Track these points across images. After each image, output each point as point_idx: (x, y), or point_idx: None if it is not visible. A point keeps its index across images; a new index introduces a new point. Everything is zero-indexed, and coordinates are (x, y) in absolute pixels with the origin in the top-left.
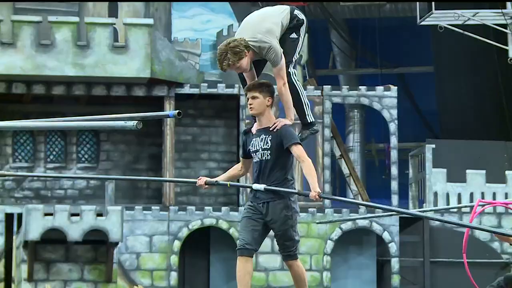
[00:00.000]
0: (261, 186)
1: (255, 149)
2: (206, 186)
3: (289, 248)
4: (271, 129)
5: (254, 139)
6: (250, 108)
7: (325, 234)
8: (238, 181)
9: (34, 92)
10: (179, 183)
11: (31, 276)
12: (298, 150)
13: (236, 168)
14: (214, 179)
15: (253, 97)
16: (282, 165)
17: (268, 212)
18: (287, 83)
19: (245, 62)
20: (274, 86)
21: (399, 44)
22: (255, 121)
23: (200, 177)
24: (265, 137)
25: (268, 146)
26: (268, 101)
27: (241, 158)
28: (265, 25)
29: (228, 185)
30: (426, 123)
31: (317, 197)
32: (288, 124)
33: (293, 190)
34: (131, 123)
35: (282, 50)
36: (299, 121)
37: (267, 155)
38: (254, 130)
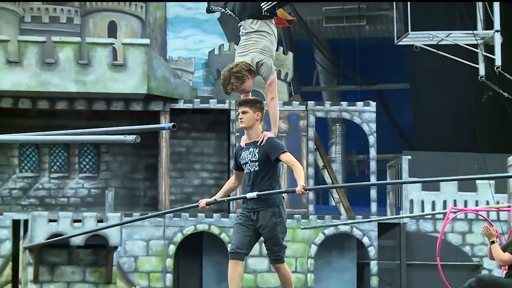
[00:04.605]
0: (253, 194)
1: (245, 161)
2: (207, 206)
3: (276, 253)
4: (258, 144)
5: (244, 152)
6: (241, 121)
7: (309, 238)
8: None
9: (39, 107)
10: (183, 210)
11: (36, 278)
12: (287, 157)
13: (230, 182)
14: (213, 198)
15: (244, 112)
16: (270, 175)
17: (259, 219)
18: (275, 98)
19: (248, 84)
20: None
21: (378, 62)
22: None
23: (200, 201)
24: (253, 150)
25: (256, 158)
26: (257, 115)
27: (234, 171)
28: (259, 45)
29: (226, 200)
30: (403, 136)
31: (302, 190)
32: (272, 137)
33: (281, 190)
34: (130, 138)
35: (274, 67)
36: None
37: (256, 167)
38: (243, 143)
